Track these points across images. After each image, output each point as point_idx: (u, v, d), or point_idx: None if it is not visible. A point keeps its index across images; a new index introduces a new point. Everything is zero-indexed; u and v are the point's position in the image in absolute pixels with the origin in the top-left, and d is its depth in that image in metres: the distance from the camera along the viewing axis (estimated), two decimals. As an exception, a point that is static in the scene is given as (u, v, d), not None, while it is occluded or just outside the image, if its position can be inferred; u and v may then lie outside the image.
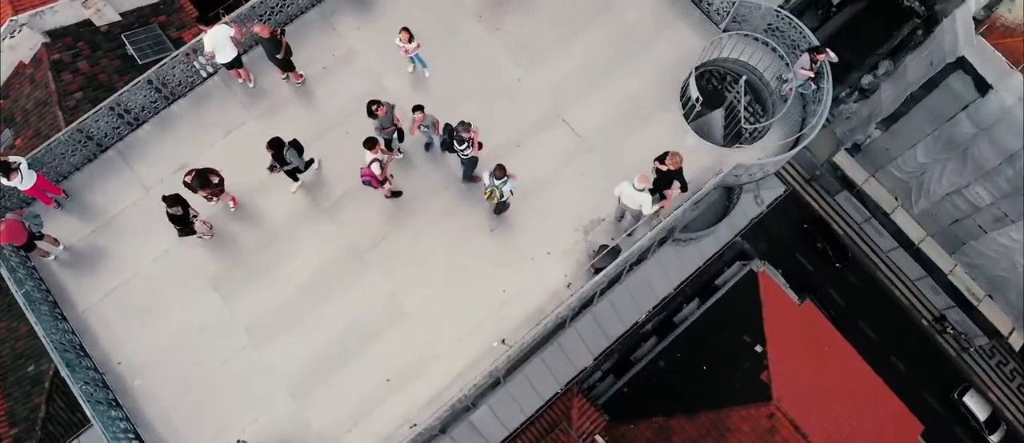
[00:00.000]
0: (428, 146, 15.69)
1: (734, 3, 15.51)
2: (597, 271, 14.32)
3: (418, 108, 14.34)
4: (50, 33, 25.88)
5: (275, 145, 14.13)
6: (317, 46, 16.48)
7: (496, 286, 14.98)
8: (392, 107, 14.81)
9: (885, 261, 34.29)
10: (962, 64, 27.90)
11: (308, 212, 15.51)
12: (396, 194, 15.53)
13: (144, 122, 16.06)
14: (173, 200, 14.04)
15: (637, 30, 16.57)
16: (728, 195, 20.45)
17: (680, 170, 13.93)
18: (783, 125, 15.74)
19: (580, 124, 15.98)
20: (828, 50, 14.64)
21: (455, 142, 14.15)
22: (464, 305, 14.86)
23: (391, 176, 15.33)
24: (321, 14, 16.74)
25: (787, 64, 15.33)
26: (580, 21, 16.66)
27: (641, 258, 19.01)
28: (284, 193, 15.54)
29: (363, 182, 14.28)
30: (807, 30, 15.25)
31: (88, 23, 21.97)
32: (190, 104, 16.24)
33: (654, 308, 20.81)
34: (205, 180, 14.18)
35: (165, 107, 16.12)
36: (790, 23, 15.36)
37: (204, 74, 16.10)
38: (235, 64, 15.62)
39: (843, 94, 37.13)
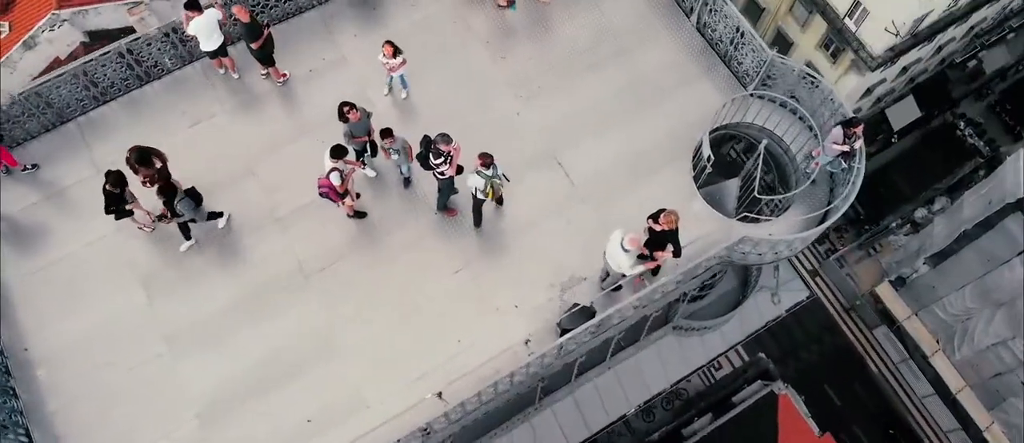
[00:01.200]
0: (407, 182, 14.12)
1: (765, 62, 13.85)
2: (563, 331, 12.32)
3: (387, 133, 12.78)
4: (91, 33, 25.54)
5: (165, 191, 12.59)
6: (309, 47, 15.30)
7: (450, 335, 13.11)
8: (368, 115, 13.36)
9: (918, 407, 31.18)
10: (1022, 206, 25.74)
11: (260, 219, 14.00)
12: (360, 214, 13.93)
13: (112, 99, 14.91)
14: (115, 178, 12.67)
15: (655, 79, 14.99)
16: (742, 286, 18.38)
17: (675, 232, 12.05)
18: (805, 205, 13.78)
19: (576, 170, 14.30)
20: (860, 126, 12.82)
21: (431, 156, 12.54)
22: (409, 351, 13.01)
23: (357, 194, 13.76)
24: (321, 16, 15.63)
25: (816, 136, 13.48)
26: (595, 61, 15.18)
27: (632, 338, 16.93)
28: (240, 195, 14.08)
29: (320, 194, 12.70)
30: (842, 101, 13.46)
31: (130, 29, 21.39)
32: (164, 88, 15.10)
33: (644, 403, 18.52)
34: (145, 158, 12.80)
35: (137, 87, 14.99)
36: (824, 92, 13.60)
37: (184, 58, 14.95)
38: (220, 52, 14.48)
39: (894, 224, 34.98)
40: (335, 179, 12.45)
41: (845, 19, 24.51)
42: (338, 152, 12.35)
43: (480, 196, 12.84)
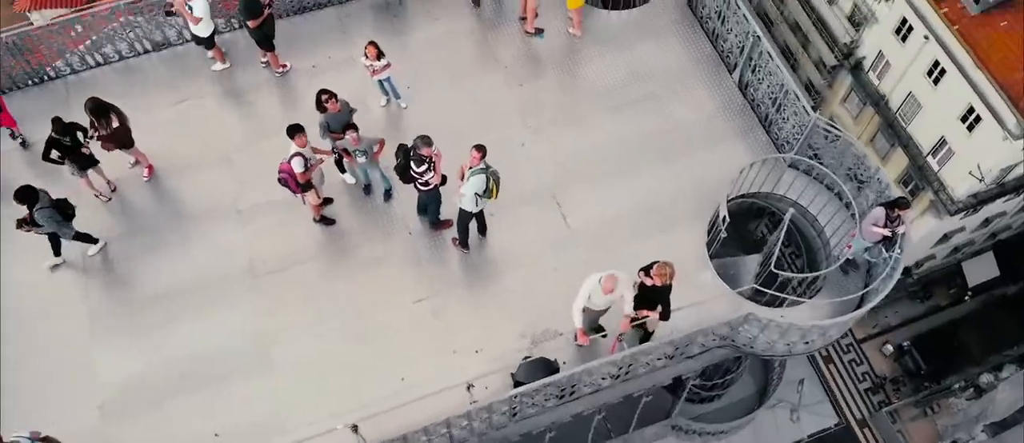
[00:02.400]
0: (388, 195, 12.75)
1: (807, 127, 12.10)
2: (516, 384, 10.45)
3: (349, 127, 11.46)
4: None
5: (25, 197, 11.16)
6: (318, 44, 14.37)
7: (396, 369, 11.37)
8: (351, 110, 12.10)
9: None
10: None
11: (222, 209, 12.79)
12: (327, 221, 12.54)
13: (107, 63, 14.15)
14: (61, 126, 11.70)
15: (682, 132, 13.39)
16: (760, 394, 16.08)
17: (667, 289, 10.22)
18: (833, 294, 11.72)
19: (576, 213, 12.66)
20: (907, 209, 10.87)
21: (412, 163, 11.13)
22: (345, 380, 11.32)
23: (327, 199, 12.44)
24: (338, 15, 14.74)
25: (853, 216, 11.52)
26: (619, 103, 13.72)
27: (621, 428, 14.74)
28: (207, 181, 12.93)
29: (279, 179, 11.38)
30: (890, 182, 11.53)
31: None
32: (161, 61, 14.28)
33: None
34: (101, 110, 11.82)
35: (134, 57, 14.22)
36: (870, 170, 11.70)
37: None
38: (209, 44, 13.70)
39: (957, 386, 31.63)
40: (297, 165, 11.13)
41: (928, 157, 22.55)
42: (294, 130, 11.07)
43: (472, 206, 11.29)
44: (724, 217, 11.48)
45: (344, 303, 11.97)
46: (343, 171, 12.78)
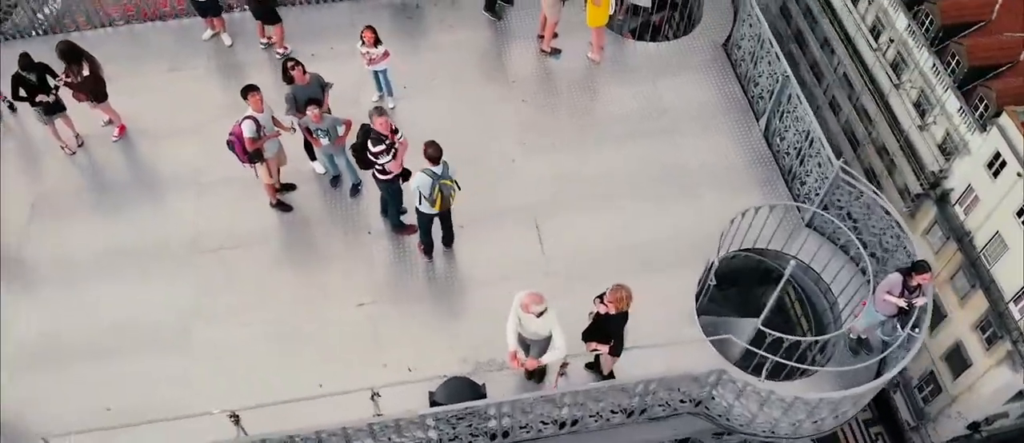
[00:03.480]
0: (355, 189, 11.71)
1: (830, 179, 10.49)
2: (433, 404, 8.95)
3: (313, 102, 10.47)
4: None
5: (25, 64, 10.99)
6: (324, 34, 13.74)
7: (315, 373, 10.03)
8: (323, 86, 11.20)
9: None
10: None
11: (182, 179, 12.05)
12: (283, 206, 11.55)
13: (110, 24, 13.84)
14: (26, 61, 11.19)
15: (693, 172, 11.98)
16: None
17: (621, 318, 8.66)
18: (840, 378, 9.82)
19: (553, 239, 11.30)
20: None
21: (370, 142, 10.06)
22: (259, 375, 10.02)
23: (287, 184, 11.51)
24: (350, 10, 14.16)
25: (868, 282, 9.72)
26: (629, 132, 12.50)
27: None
28: (174, 149, 12.27)
29: (227, 142, 10.48)
30: (916, 249, 9.71)
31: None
32: (168, 29, 13.88)
33: None
34: (73, 54, 11.31)
35: (139, 21, 13.88)
36: (899, 239, 9.95)
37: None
38: (211, 9, 13.23)
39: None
40: (247, 129, 10.21)
41: (1010, 303, 20.37)
42: (248, 90, 10.19)
43: (426, 207, 10.11)
44: (712, 264, 9.88)
45: (281, 295, 10.83)
46: (313, 158, 11.83)
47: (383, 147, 10.02)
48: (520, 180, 11.92)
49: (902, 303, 9.07)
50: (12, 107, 12.63)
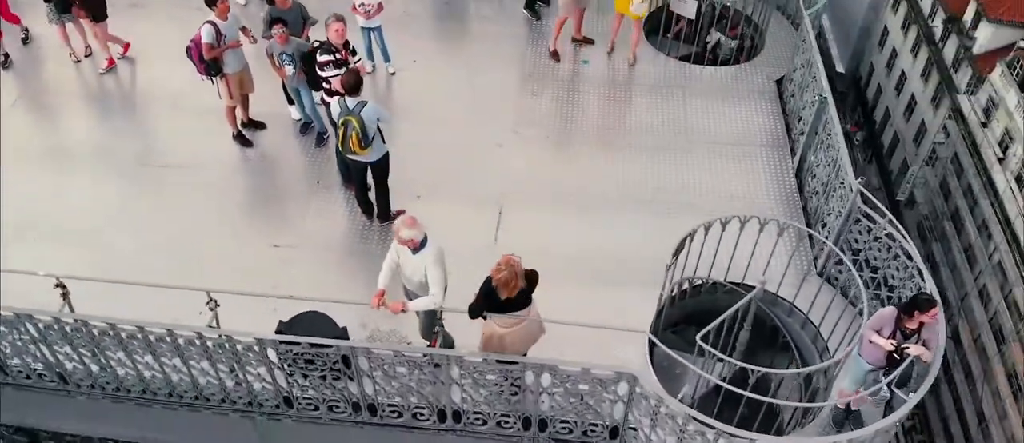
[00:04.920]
0: (321, 138, 10.79)
1: (849, 209, 8.39)
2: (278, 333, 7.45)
3: (278, 21, 9.64)
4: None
5: None
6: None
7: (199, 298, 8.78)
8: (304, 17, 10.48)
9: None
10: None
11: (160, 100, 11.63)
12: (243, 140, 10.75)
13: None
14: None
15: (701, 195, 10.16)
16: None
17: (491, 283, 6.91)
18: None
19: (512, 230, 9.77)
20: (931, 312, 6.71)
21: (318, 53, 9.14)
22: (147, 292, 8.87)
23: (256, 122, 10.76)
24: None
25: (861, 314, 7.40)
26: (639, 144, 10.93)
27: None
28: (173, 72, 11.72)
29: (186, 48, 9.86)
30: (931, 284, 7.33)
31: None
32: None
33: None
34: None
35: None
36: (918, 282, 7.62)
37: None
38: None
39: None
40: (206, 34, 9.56)
41: None
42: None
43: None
44: (667, 283, 7.97)
45: (202, 219, 9.87)
46: (292, 102, 11.02)
47: (330, 59, 9.04)
48: (499, 167, 10.56)
49: (888, 345, 6.76)
50: (25, 40, 12.62)
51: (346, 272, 9.33)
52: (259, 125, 10.94)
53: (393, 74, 11.85)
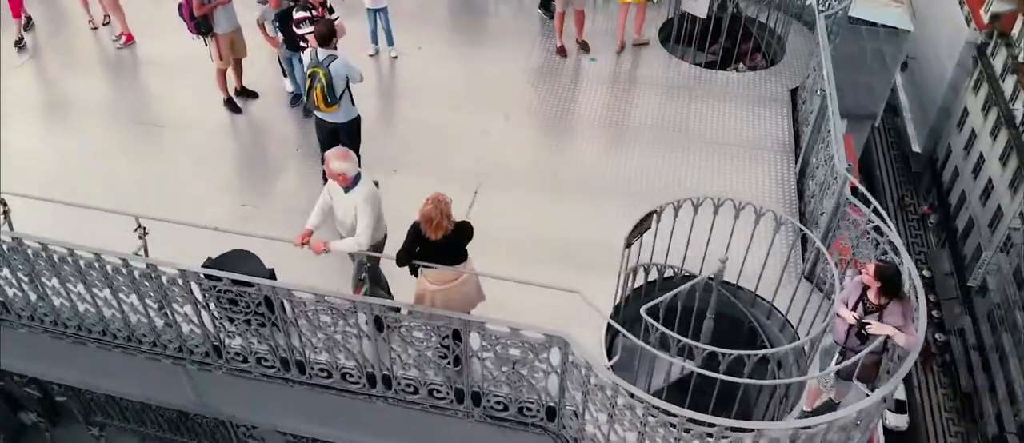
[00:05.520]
0: (296, 100, 10.71)
1: (834, 196, 7.69)
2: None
3: None
4: None
5: None
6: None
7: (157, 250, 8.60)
8: None
9: None
10: None
11: (164, 63, 11.75)
12: (234, 106, 10.72)
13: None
14: None
15: (681, 192, 9.47)
16: None
17: (417, 226, 6.46)
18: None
19: (483, 208, 9.31)
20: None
21: (295, 9, 9.04)
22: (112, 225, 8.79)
23: (249, 91, 10.71)
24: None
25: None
26: (634, 139, 10.45)
27: None
28: (181, 38, 11.77)
29: (178, 5, 9.92)
30: (921, 297, 6.52)
31: None
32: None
33: None
34: None
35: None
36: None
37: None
38: None
39: None
40: (195, -14, 9.59)
41: None
42: None
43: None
44: (624, 263, 7.38)
45: (174, 173, 9.81)
46: (286, 76, 10.95)
47: (306, 16, 8.90)
48: (484, 150, 10.21)
49: (849, 316, 6.02)
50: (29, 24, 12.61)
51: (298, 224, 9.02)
52: (252, 94, 10.89)
53: (396, 58, 11.70)
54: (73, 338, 8.00)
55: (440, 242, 6.42)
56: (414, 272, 6.89)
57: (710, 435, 5.86)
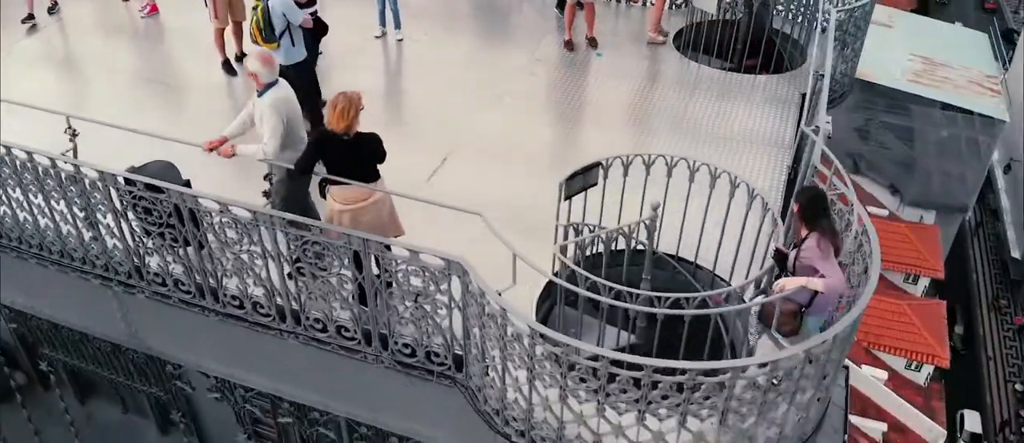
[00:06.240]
0: None
1: (805, 171, 6.99)
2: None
3: None
4: None
5: None
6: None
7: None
8: None
9: None
10: None
11: (174, 31, 12.12)
12: (230, 68, 10.90)
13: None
14: None
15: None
16: None
17: (330, 108, 6.23)
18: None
19: (447, 177, 9.05)
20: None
21: None
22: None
23: (238, 50, 10.91)
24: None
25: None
26: (622, 122, 10.01)
27: None
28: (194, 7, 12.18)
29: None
30: (877, 255, 5.73)
31: None
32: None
33: None
34: None
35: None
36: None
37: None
38: None
39: None
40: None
41: None
42: None
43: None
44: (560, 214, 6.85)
45: (156, 119, 9.82)
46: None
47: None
48: (464, 124, 9.94)
49: (775, 245, 5.39)
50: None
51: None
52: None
53: (401, 41, 11.67)
54: (15, 252, 8.00)
55: (345, 148, 6.14)
56: (323, 194, 6.63)
57: (584, 369, 5.22)
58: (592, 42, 11.55)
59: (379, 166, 6.61)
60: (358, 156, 6.23)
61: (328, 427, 8.06)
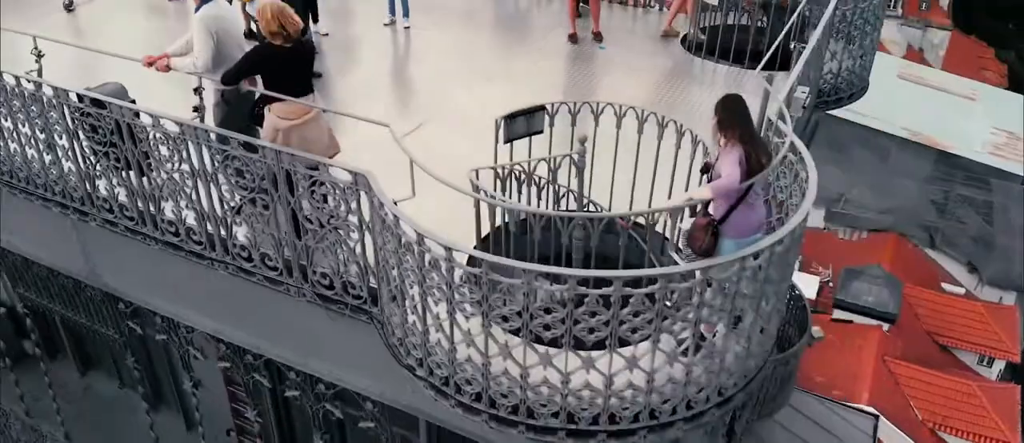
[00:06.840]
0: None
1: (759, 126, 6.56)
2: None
3: None
4: None
5: None
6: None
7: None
8: None
9: None
10: None
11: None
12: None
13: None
14: None
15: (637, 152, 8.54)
16: None
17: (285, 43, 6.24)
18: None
19: (417, 142, 8.67)
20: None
21: None
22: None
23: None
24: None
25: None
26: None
27: None
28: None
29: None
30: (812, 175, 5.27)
31: None
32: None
33: None
34: None
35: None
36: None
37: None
38: None
39: None
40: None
41: None
42: None
43: None
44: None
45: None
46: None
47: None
48: (446, 97, 9.95)
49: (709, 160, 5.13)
50: None
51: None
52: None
53: (408, 28, 11.80)
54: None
55: (286, 56, 6.14)
56: (259, 118, 6.61)
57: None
58: (597, 37, 11.41)
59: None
60: (300, 64, 6.24)
61: (261, 374, 7.89)
